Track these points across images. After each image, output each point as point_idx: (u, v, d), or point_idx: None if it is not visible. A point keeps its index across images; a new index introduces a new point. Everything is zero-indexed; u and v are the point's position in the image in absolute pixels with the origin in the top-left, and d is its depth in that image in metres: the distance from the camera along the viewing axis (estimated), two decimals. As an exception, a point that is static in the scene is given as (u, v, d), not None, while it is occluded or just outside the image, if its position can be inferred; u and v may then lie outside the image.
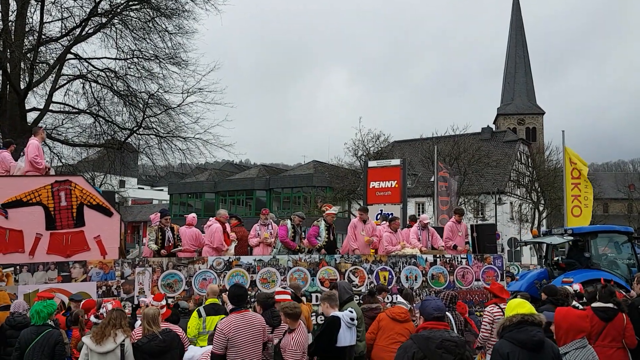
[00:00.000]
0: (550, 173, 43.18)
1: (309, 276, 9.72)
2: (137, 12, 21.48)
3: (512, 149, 52.08)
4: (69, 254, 9.29)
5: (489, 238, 12.13)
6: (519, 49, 74.69)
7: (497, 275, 10.90)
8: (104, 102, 22.07)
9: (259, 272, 9.55)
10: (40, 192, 9.42)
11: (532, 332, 4.30)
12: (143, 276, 9.11)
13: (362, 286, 9.92)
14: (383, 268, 10.19)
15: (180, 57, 22.09)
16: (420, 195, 46.08)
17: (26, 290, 8.52)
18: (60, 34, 20.84)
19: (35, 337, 6.33)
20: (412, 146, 49.29)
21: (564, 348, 5.65)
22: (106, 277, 8.97)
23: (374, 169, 16.21)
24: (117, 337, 5.77)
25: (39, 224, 9.32)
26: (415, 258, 10.50)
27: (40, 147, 10.35)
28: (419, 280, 10.32)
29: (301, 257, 9.93)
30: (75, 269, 8.88)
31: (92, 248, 9.50)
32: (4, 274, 8.53)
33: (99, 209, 9.69)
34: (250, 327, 5.65)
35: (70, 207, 9.51)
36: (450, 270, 10.60)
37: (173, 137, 22.22)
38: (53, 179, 9.71)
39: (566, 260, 14.01)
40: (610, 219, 56.86)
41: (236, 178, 56.32)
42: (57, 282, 8.75)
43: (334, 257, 10.14)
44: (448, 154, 36.52)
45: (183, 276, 9.28)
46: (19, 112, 19.41)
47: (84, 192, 9.64)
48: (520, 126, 71.69)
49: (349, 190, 39.52)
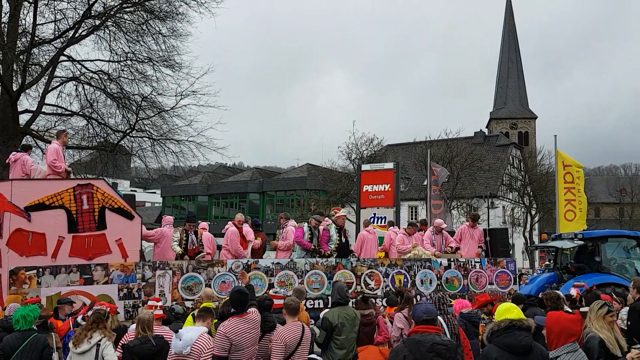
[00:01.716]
0: (542, 177, 43.44)
1: (326, 279, 9.83)
2: (131, 15, 21.43)
3: (504, 153, 52.36)
4: (90, 257, 9.41)
5: (502, 242, 12.29)
6: (512, 54, 75.22)
7: (510, 279, 10.99)
8: (97, 104, 21.99)
9: (276, 275, 9.69)
10: (63, 195, 9.53)
11: (519, 337, 4.31)
12: (163, 279, 9.24)
13: (378, 289, 10.04)
14: (398, 272, 10.27)
15: (174, 59, 22.06)
16: (413, 199, 46.17)
17: (49, 292, 8.63)
18: (54, 35, 20.76)
19: (22, 342, 6.26)
20: (405, 150, 49.44)
21: (555, 352, 5.67)
22: (127, 279, 9.09)
23: (368, 173, 16.27)
24: (91, 339, 5.93)
25: (62, 227, 9.43)
26: (429, 262, 10.61)
27: (60, 151, 10.38)
28: (433, 283, 10.41)
29: (318, 261, 10.06)
30: (97, 271, 9.00)
31: (114, 251, 9.62)
32: (27, 277, 8.63)
33: (120, 212, 9.81)
34: (251, 329, 5.67)
35: (92, 211, 9.63)
36: (464, 274, 10.70)
37: (166, 139, 22.17)
38: (75, 182, 9.85)
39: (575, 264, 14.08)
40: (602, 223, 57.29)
41: (229, 181, 56.21)
42: (79, 284, 8.86)
43: (350, 260, 10.26)
44: (441, 158, 36.63)
45: (203, 279, 9.41)
46: (11, 114, 19.31)
47: (105, 196, 9.77)
48: (512, 130, 72.14)
49: (342, 194, 39.51)
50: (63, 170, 10.24)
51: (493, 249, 12.07)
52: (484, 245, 12.15)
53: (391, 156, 46.24)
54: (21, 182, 9.74)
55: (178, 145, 22.18)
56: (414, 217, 44.30)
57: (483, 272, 10.84)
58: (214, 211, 53.74)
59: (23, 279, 8.60)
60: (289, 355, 5.78)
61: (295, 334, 5.87)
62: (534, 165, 47.88)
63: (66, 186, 9.59)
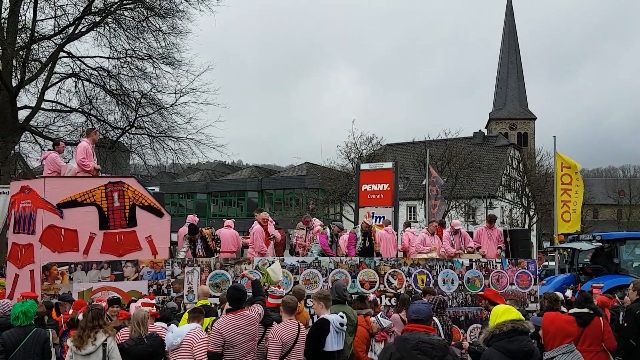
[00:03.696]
0: (541, 178, 43.50)
1: (350, 278, 9.97)
2: (131, 12, 21.44)
3: (503, 154, 52.42)
4: (121, 253, 9.52)
5: (522, 243, 12.38)
6: (512, 55, 75.27)
7: (530, 279, 11.11)
8: (96, 101, 22.01)
9: (302, 273, 9.81)
10: (94, 192, 9.63)
11: (523, 342, 4.20)
12: (192, 276, 9.37)
13: (401, 288, 10.16)
14: (421, 271, 10.39)
15: (174, 57, 22.09)
16: (412, 199, 46.22)
17: (80, 288, 8.77)
18: (53, 32, 20.75)
19: (23, 337, 6.29)
20: (404, 149, 49.44)
21: (551, 353, 5.69)
22: (157, 276, 9.24)
23: (366, 172, 16.26)
24: (96, 340, 5.78)
25: (93, 223, 9.55)
26: (451, 262, 10.75)
27: (89, 149, 10.45)
28: (455, 283, 10.52)
29: (342, 259, 10.20)
30: (128, 268, 9.14)
31: (144, 247, 9.73)
32: (59, 272, 8.77)
33: (150, 210, 9.92)
34: (246, 326, 5.68)
35: (123, 208, 9.74)
36: (485, 274, 10.82)
37: (165, 137, 22.20)
38: (107, 180, 9.96)
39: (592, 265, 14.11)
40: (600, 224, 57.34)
41: (228, 179, 56.20)
42: (110, 280, 8.99)
43: (374, 259, 10.39)
44: (440, 158, 36.68)
45: (230, 276, 9.53)
46: (10, 110, 19.31)
47: (136, 193, 9.87)
48: (512, 131, 72.18)
49: (341, 193, 39.56)
50: (91, 168, 10.35)
51: (514, 249, 12.18)
52: (504, 245, 12.29)
53: (390, 156, 46.25)
54: (54, 180, 9.87)
55: (177, 143, 22.23)
56: (412, 217, 44.37)
57: (504, 272, 10.96)
58: (212, 209, 53.72)
59: (55, 274, 8.76)
60: (286, 353, 5.81)
61: (291, 331, 5.91)
62: (532, 166, 47.95)
63: (98, 184, 9.73)
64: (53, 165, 10.48)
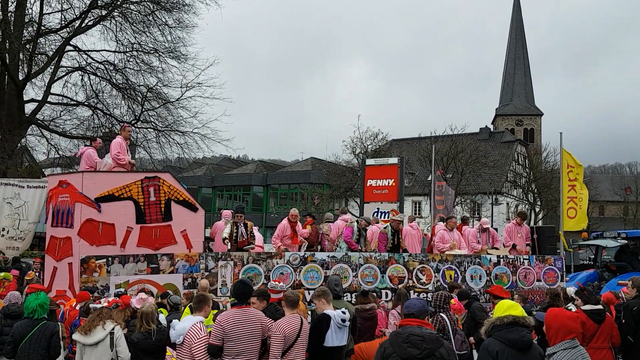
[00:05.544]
0: (547, 174, 43.29)
1: (379, 273, 10.12)
2: (138, 5, 21.45)
3: (509, 150, 52.16)
4: (157, 247, 9.76)
5: (549, 240, 12.49)
6: (519, 50, 74.78)
7: (557, 276, 11.23)
8: (103, 94, 22.08)
9: (332, 268, 9.95)
10: (131, 187, 9.89)
11: (522, 333, 4.41)
12: (225, 269, 9.54)
13: (430, 284, 10.28)
14: (449, 267, 10.53)
15: (180, 51, 22.12)
16: (417, 194, 46.11)
17: (117, 281, 8.95)
18: (60, 25, 20.80)
19: (30, 329, 6.34)
20: (410, 145, 49.28)
21: (553, 348, 5.69)
22: (192, 269, 9.42)
23: (372, 167, 16.19)
24: (106, 325, 5.85)
25: (130, 217, 9.81)
26: (479, 258, 10.84)
27: (123, 144, 10.72)
28: (483, 279, 10.63)
29: (371, 255, 10.33)
30: (163, 261, 9.35)
31: (179, 241, 9.97)
32: (97, 265, 8.97)
33: (185, 205, 10.18)
34: (248, 322, 5.67)
35: (159, 202, 9.98)
36: (513, 271, 10.93)
37: (171, 131, 22.25)
38: (143, 175, 10.22)
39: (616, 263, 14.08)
40: (606, 221, 57.07)
41: (233, 173, 56.25)
42: (146, 273, 9.20)
43: (403, 255, 10.52)
44: (446, 154, 36.54)
45: (262, 270, 9.70)
46: (17, 103, 19.39)
47: (171, 188, 10.12)
48: (518, 127, 71.80)
49: (346, 188, 39.52)
50: (126, 162, 10.57)
51: (540, 246, 12.27)
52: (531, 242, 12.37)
53: (396, 151, 46.09)
54: (91, 174, 10.14)
55: (183, 137, 22.27)
56: (417, 213, 44.27)
57: (531, 269, 11.09)
58: (217, 203, 53.78)
59: (93, 267, 8.96)
60: (288, 347, 5.81)
61: (294, 325, 5.90)
62: (538, 162, 47.69)
63: (134, 179, 9.97)
64: (89, 161, 10.79)
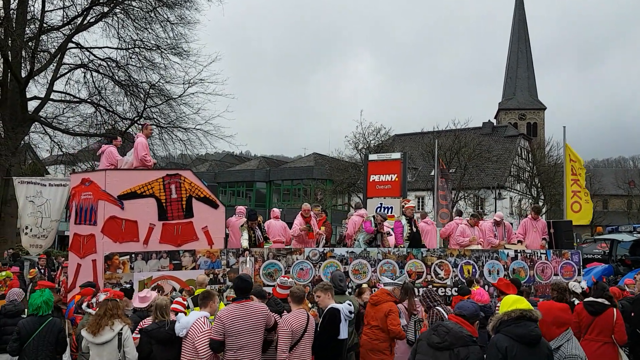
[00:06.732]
0: (550, 169, 43.18)
1: (398, 268, 10.15)
2: (139, 2, 21.44)
3: (512, 144, 52.05)
4: (179, 243, 9.83)
5: (566, 234, 12.46)
6: (522, 44, 74.50)
7: (574, 270, 11.26)
8: (105, 91, 22.08)
9: (351, 264, 10.00)
10: (153, 185, 9.96)
11: (530, 327, 4.40)
12: (246, 265, 9.59)
13: (448, 279, 10.34)
14: (467, 262, 10.56)
15: (182, 47, 22.10)
16: (420, 189, 46.10)
17: (141, 277, 9.04)
18: (62, 22, 20.80)
19: (37, 326, 6.35)
20: (413, 140, 49.21)
21: (555, 342, 5.70)
22: (213, 265, 9.51)
23: (375, 162, 16.16)
24: (114, 326, 5.88)
25: (152, 214, 9.87)
26: (497, 253, 10.87)
27: (147, 144, 10.88)
28: (500, 274, 10.64)
29: (390, 250, 10.36)
30: (186, 257, 9.42)
31: (200, 238, 10.03)
32: (121, 262, 9.05)
33: (206, 201, 10.26)
34: (247, 317, 5.68)
35: (180, 199, 10.05)
36: (530, 265, 10.97)
37: (174, 127, 22.26)
38: (164, 172, 10.27)
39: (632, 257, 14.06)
40: (610, 215, 56.96)
41: (236, 169, 56.30)
42: (168, 269, 9.27)
43: (421, 250, 10.54)
44: (449, 148, 36.46)
45: (282, 266, 9.77)
46: (19, 100, 19.41)
47: (192, 185, 10.19)
48: (521, 121, 71.62)
49: (349, 183, 39.50)
50: (152, 163, 10.75)
51: (557, 240, 12.27)
52: (548, 237, 12.36)
53: (398, 146, 46.08)
54: (114, 172, 10.23)
55: (186, 133, 22.28)
56: (421, 208, 44.25)
57: (548, 263, 11.12)
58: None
59: (117, 264, 9.04)
60: (296, 342, 5.84)
61: (301, 320, 5.96)
62: (542, 156, 47.58)
63: (156, 176, 10.03)
64: (111, 158, 10.89)
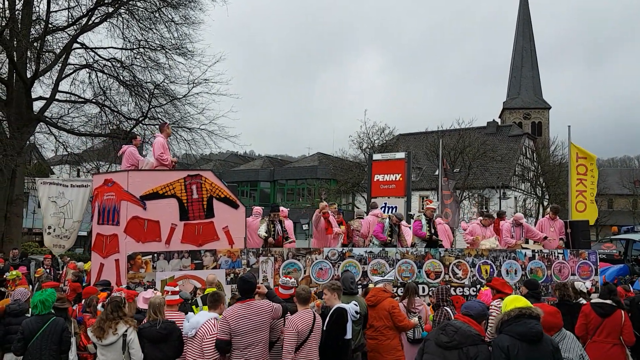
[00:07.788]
0: (555, 168, 43.05)
1: (416, 268, 10.20)
2: (144, 2, 21.49)
3: (517, 144, 51.91)
4: (200, 243, 9.90)
5: (583, 234, 12.42)
6: (526, 43, 74.28)
7: (591, 270, 11.24)
8: (110, 91, 22.15)
9: (369, 263, 10.05)
10: (175, 185, 10.06)
11: (530, 325, 4.36)
12: (266, 265, 9.68)
13: (466, 279, 10.39)
14: (485, 262, 10.60)
15: (187, 47, 22.15)
16: (424, 189, 46.05)
17: (163, 276, 9.09)
18: (67, 23, 20.87)
19: (41, 326, 6.38)
20: (417, 139, 49.19)
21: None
22: (234, 265, 9.57)
23: (379, 162, 16.16)
24: (118, 329, 5.91)
25: (174, 215, 9.96)
26: (515, 252, 10.91)
27: (165, 144, 10.89)
28: (518, 274, 10.68)
29: (408, 250, 10.41)
30: (207, 257, 9.50)
31: (221, 238, 10.10)
32: (143, 262, 9.14)
33: (226, 202, 10.31)
34: (252, 315, 5.70)
35: (201, 200, 10.13)
36: (547, 265, 10.99)
37: (178, 127, 22.31)
38: (186, 173, 10.34)
39: None
40: (615, 214, 56.72)
41: (240, 169, 56.40)
42: (190, 269, 9.34)
43: (439, 250, 10.60)
44: (453, 148, 36.41)
45: (302, 265, 9.81)
46: (25, 100, 19.49)
47: (213, 186, 10.25)
48: (526, 121, 71.42)
49: (353, 183, 39.51)
50: (170, 162, 10.72)
51: (574, 240, 12.26)
52: (565, 237, 12.37)
53: (403, 146, 46.02)
54: (136, 173, 10.30)
55: (190, 133, 22.34)
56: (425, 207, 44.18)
57: (566, 263, 11.11)
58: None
59: (140, 263, 9.12)
60: (302, 342, 5.85)
61: (307, 321, 5.96)
62: (546, 156, 47.43)
63: (177, 177, 10.11)
64: (131, 159, 10.88)
